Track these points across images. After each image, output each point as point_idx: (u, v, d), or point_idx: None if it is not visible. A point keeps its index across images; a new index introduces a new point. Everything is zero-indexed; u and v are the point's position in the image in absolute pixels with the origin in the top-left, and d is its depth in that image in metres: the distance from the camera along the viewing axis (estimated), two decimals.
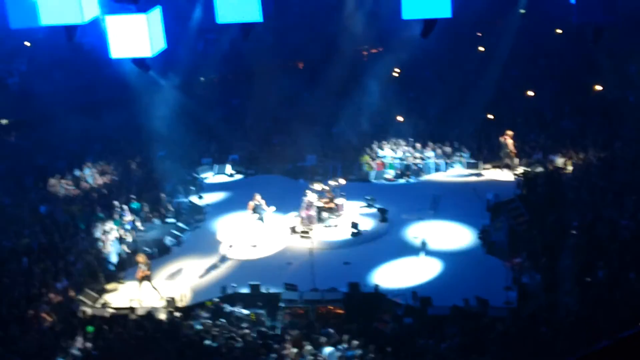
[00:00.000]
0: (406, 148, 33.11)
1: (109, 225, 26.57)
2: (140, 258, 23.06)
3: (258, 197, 26.42)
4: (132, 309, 21.82)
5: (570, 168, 29.05)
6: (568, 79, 36.74)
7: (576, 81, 36.02)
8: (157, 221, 28.32)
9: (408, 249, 25.20)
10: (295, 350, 18.44)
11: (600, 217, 23.46)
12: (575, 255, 21.39)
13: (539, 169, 29.65)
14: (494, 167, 31.53)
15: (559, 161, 29.75)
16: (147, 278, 22.88)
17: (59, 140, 35.63)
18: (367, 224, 27.11)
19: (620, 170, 27.28)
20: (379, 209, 27.90)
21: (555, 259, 21.95)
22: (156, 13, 12.43)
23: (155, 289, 22.92)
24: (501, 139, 30.91)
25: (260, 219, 26.34)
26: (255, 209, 26.23)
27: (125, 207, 27.80)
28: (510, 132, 30.79)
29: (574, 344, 16.83)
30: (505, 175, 30.70)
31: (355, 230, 26.34)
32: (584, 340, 17.03)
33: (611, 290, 19.21)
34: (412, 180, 31.79)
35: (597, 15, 11.13)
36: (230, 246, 26.42)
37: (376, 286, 21.90)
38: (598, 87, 34.66)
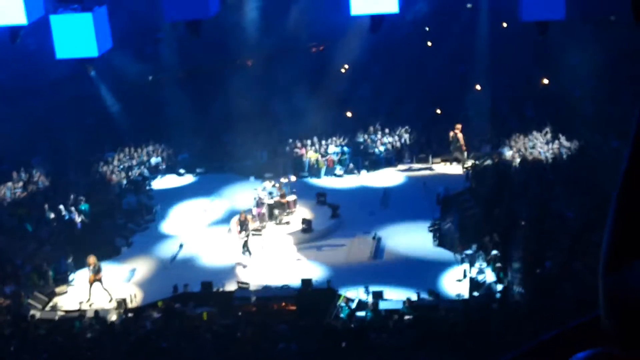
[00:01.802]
0: (356, 144, 33.27)
1: (59, 227, 26.27)
2: (91, 260, 22.83)
3: (244, 214, 25.30)
4: (82, 311, 21.60)
5: (518, 161, 29.36)
6: (515, 72, 37.14)
7: (523, 75, 36.44)
8: (106, 222, 28.04)
9: (360, 243, 25.30)
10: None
11: (548, 209, 23.77)
12: (524, 247, 21.65)
13: (488, 162, 29.93)
14: (444, 161, 31.76)
15: (508, 154, 30.07)
16: (98, 280, 22.67)
17: (3, 143, 35.06)
18: (319, 220, 27.12)
19: (566, 163, 27.68)
20: (330, 205, 27.95)
21: (505, 251, 22.22)
22: (102, 12, 12.30)
23: (105, 290, 22.73)
24: (451, 133, 31.13)
25: (247, 236, 24.93)
26: (242, 226, 24.94)
27: (73, 208, 27.48)
28: (459, 126, 31.04)
29: (524, 334, 17.05)
30: (454, 169, 30.95)
31: (306, 227, 26.34)
32: (534, 330, 17.25)
33: (559, 281, 19.48)
34: (362, 175, 31.89)
35: (543, 13, 11.27)
36: (181, 245, 26.27)
37: (328, 282, 21.96)
38: (545, 81, 35.12)
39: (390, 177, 31.48)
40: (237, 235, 25.05)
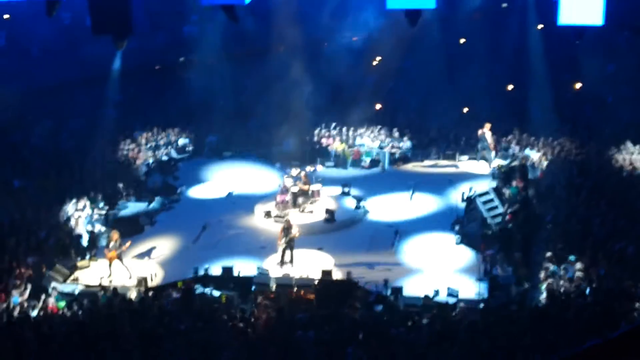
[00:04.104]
0: (384, 137, 33.21)
1: (83, 202, 26.47)
2: (114, 236, 22.98)
3: (290, 221, 23.93)
4: (102, 287, 21.76)
5: (545, 163, 29.21)
6: (548, 75, 36.90)
7: (556, 78, 36.16)
8: (131, 200, 28.23)
9: (382, 237, 25.29)
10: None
11: (574, 213, 23.63)
12: (547, 249, 21.54)
13: (515, 163, 29.78)
14: (471, 159, 31.63)
15: (535, 156, 29.91)
16: (119, 256, 22.81)
17: (34, 117, 35.35)
18: (342, 211, 27.13)
19: (595, 168, 27.50)
20: (354, 197, 27.96)
21: (527, 253, 22.15)
22: None
23: (125, 267, 22.87)
24: (480, 131, 30.96)
25: (290, 246, 23.49)
26: (286, 232, 23.54)
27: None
28: (488, 125, 30.87)
29: (542, 337, 17.00)
30: (481, 168, 30.82)
31: (329, 217, 26.36)
32: (552, 334, 17.19)
33: (579, 286, 19.39)
34: (387, 169, 31.84)
35: (581, 18, 11.17)
36: (204, 227, 26.39)
37: (348, 273, 21.96)
38: (578, 85, 34.86)
39: (416, 172, 31.41)
40: (279, 242, 23.62)
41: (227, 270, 22.36)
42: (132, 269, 23.00)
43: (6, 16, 39.86)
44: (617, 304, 17.94)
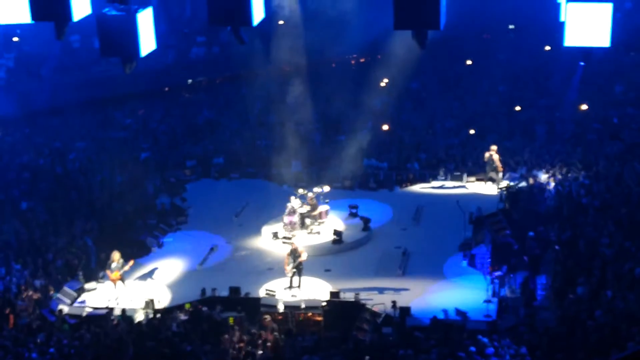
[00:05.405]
0: (390, 158, 33.20)
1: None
2: (115, 256, 22.81)
3: (295, 245, 23.48)
4: (109, 309, 21.75)
5: (552, 184, 29.13)
6: (555, 96, 36.94)
7: (563, 98, 36.20)
8: (138, 222, 28.19)
9: (390, 258, 25.22)
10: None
11: (582, 234, 23.56)
12: (555, 270, 21.48)
13: (522, 184, 29.70)
14: (478, 180, 31.53)
15: (543, 177, 29.85)
16: (121, 277, 22.71)
17: (44, 137, 35.52)
18: (350, 232, 27.07)
19: (602, 189, 27.42)
20: (362, 218, 27.90)
21: (536, 274, 22.08)
22: (147, 13, 12.37)
23: (127, 288, 22.80)
24: (487, 154, 30.76)
25: (297, 268, 23.06)
26: (293, 257, 23.07)
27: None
28: (494, 147, 30.74)
29: (552, 358, 16.94)
30: (488, 189, 30.74)
31: (337, 238, 26.30)
32: (561, 355, 17.11)
33: (590, 307, 19.29)
34: (395, 189, 31.75)
35: (587, 40, 11.14)
36: (212, 249, 26.37)
37: (356, 295, 21.90)
38: (584, 107, 34.82)
39: (423, 193, 31.32)
40: (286, 267, 23.24)
41: (235, 292, 22.32)
42: (134, 290, 22.97)
43: (15, 39, 40.19)
44: (624, 325, 17.84)
